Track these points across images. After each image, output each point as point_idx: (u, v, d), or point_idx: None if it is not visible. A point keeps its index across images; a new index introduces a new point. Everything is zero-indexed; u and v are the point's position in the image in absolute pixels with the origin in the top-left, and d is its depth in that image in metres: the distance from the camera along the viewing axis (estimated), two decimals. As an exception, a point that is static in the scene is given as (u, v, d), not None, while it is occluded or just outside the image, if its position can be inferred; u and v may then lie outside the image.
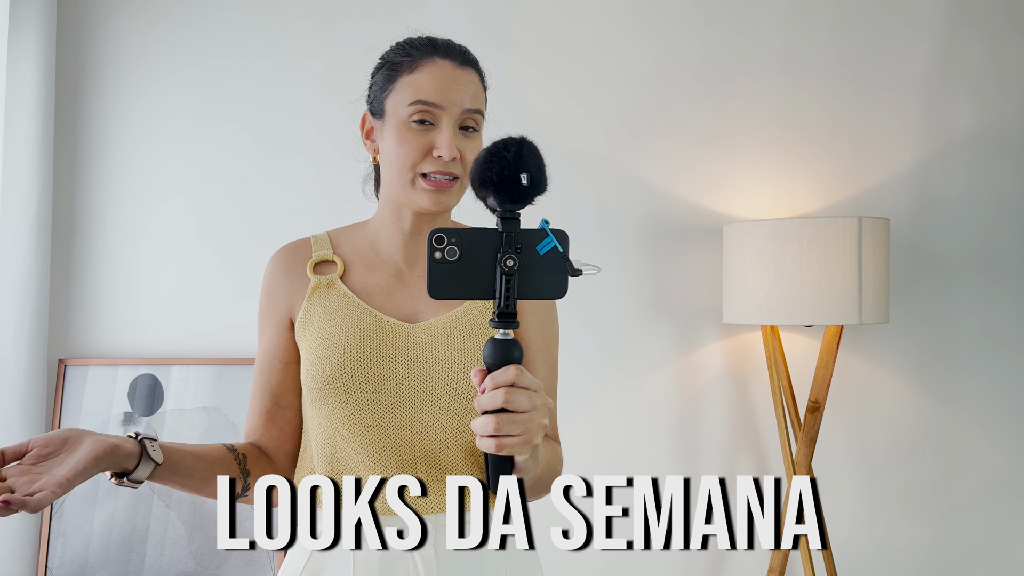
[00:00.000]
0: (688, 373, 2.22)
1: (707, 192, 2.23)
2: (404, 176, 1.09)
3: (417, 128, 1.09)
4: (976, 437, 2.20)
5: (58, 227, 2.23)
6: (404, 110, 1.09)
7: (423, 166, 1.08)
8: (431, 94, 1.08)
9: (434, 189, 1.08)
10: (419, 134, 1.08)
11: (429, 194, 1.09)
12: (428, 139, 1.08)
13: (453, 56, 1.12)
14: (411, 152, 1.08)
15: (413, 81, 1.10)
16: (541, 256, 0.87)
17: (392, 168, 1.10)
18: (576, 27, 2.25)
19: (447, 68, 1.10)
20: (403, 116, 1.09)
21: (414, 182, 1.09)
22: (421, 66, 1.10)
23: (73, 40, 2.23)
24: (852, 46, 2.23)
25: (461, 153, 1.09)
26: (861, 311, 1.88)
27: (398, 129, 1.09)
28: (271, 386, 1.17)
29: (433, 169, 1.08)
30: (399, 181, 1.10)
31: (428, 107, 1.08)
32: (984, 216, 2.21)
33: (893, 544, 2.20)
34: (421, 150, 1.08)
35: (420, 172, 1.08)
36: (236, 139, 2.23)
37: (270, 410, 1.17)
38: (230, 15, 2.24)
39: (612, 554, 2.21)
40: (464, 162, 1.09)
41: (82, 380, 2.17)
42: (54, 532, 2.10)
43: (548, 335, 1.20)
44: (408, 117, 1.09)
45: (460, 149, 1.09)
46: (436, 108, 1.08)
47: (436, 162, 1.08)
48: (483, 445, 0.87)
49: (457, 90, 1.09)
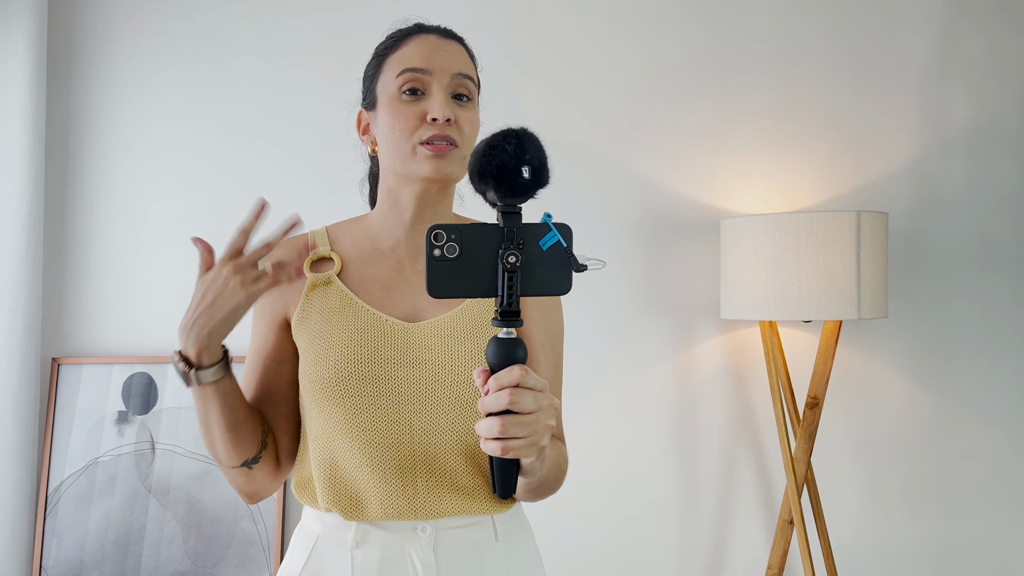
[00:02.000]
0: (686, 369, 2.21)
1: (705, 187, 2.21)
2: (403, 148, 1.07)
3: (408, 99, 1.07)
4: (975, 432, 2.19)
5: (50, 225, 2.21)
6: (393, 84, 1.08)
7: (420, 133, 1.06)
8: (417, 60, 1.07)
9: (433, 154, 1.05)
10: (411, 103, 1.07)
11: (429, 160, 1.06)
12: (421, 107, 1.06)
13: (437, 31, 1.11)
14: (406, 121, 1.06)
15: (399, 56, 1.09)
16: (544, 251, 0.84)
17: (390, 146, 1.08)
18: (573, 22, 2.23)
19: (431, 39, 1.10)
20: (393, 91, 1.08)
21: (414, 151, 1.06)
22: (406, 42, 1.10)
23: (64, 36, 2.21)
24: (849, 40, 2.22)
25: (456, 119, 1.06)
26: (860, 306, 1.87)
27: (390, 104, 1.08)
28: (264, 383, 1.15)
29: (431, 135, 1.05)
30: (398, 155, 1.07)
31: (416, 73, 1.06)
32: (983, 210, 2.20)
33: (892, 539, 2.19)
34: (415, 117, 1.06)
35: (419, 141, 1.06)
36: (231, 137, 2.22)
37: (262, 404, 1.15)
38: (225, 11, 2.22)
39: (614, 543, 2.20)
40: (460, 129, 1.07)
41: (76, 379, 2.15)
42: (48, 531, 2.09)
43: (552, 333, 1.18)
44: (398, 90, 1.07)
45: (455, 115, 1.06)
46: (424, 74, 1.06)
47: (432, 126, 1.05)
48: (488, 448, 0.85)
49: (443, 56, 1.08)
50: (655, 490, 2.20)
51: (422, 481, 1.06)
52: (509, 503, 1.12)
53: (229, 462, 1.10)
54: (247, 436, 1.09)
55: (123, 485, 2.11)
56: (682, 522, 2.20)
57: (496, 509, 1.10)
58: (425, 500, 1.06)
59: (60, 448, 2.12)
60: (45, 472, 2.11)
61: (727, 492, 2.20)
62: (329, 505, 1.08)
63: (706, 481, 2.20)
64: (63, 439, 2.13)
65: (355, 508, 1.07)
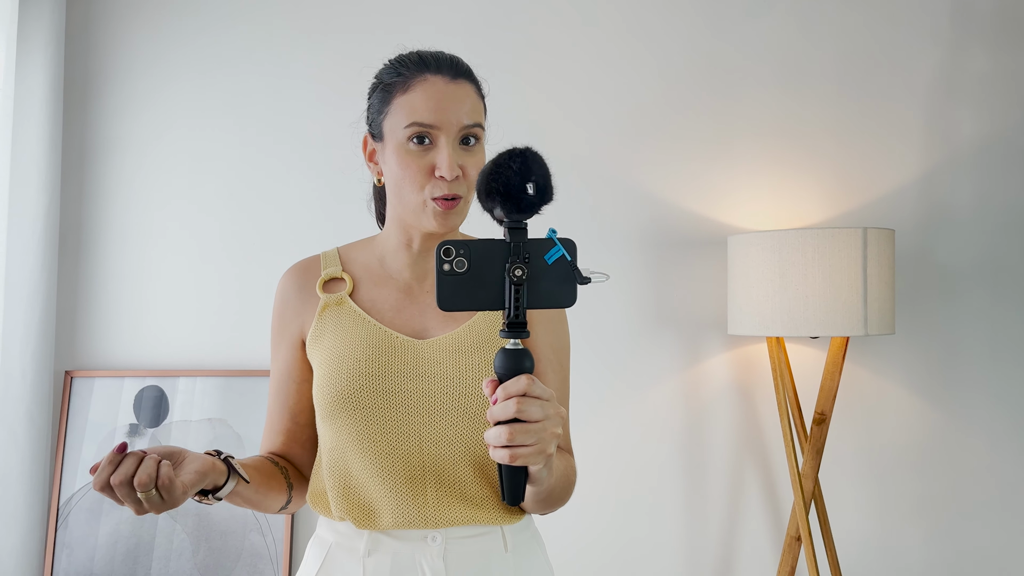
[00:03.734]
0: (693, 385, 2.21)
1: (711, 203, 2.23)
2: (412, 201, 1.09)
3: (416, 149, 1.08)
4: (983, 448, 2.19)
5: (65, 238, 2.24)
6: (401, 133, 1.08)
7: (429, 189, 1.07)
8: (425, 115, 1.07)
9: (441, 211, 1.08)
10: (418, 155, 1.07)
11: (437, 217, 1.08)
12: (428, 159, 1.07)
13: (444, 71, 1.10)
14: (414, 176, 1.07)
15: (406, 102, 1.08)
16: (549, 265, 0.87)
17: (400, 192, 1.10)
18: (579, 39, 2.26)
19: (439, 85, 1.08)
20: (401, 139, 1.08)
21: (424, 205, 1.08)
22: (413, 85, 1.09)
23: (81, 49, 2.25)
24: (856, 56, 2.23)
25: (463, 169, 1.08)
26: (867, 322, 1.88)
27: (398, 153, 1.09)
28: (288, 406, 1.19)
29: (440, 193, 1.07)
30: (406, 205, 1.10)
31: (424, 128, 1.07)
32: (990, 226, 2.20)
33: (900, 555, 2.18)
34: (423, 172, 1.07)
35: (429, 197, 1.07)
36: (245, 150, 2.25)
37: (290, 429, 1.20)
38: (238, 22, 2.26)
39: (621, 558, 2.20)
40: (467, 178, 1.09)
41: (88, 392, 2.18)
42: (59, 543, 2.10)
43: (558, 347, 1.20)
44: (406, 140, 1.08)
45: (462, 165, 1.08)
46: (432, 128, 1.07)
47: (440, 184, 1.07)
48: (496, 456, 0.87)
49: (451, 108, 1.08)
50: (662, 505, 2.21)
51: (431, 491, 1.09)
52: (519, 515, 1.14)
53: (268, 514, 1.16)
54: (275, 496, 1.14)
55: (133, 498, 2.13)
56: (689, 538, 2.20)
57: (505, 520, 1.12)
58: (435, 510, 1.08)
59: (72, 461, 2.14)
60: (57, 484, 2.13)
61: (734, 508, 2.20)
62: (342, 514, 1.11)
63: (713, 497, 2.20)
64: (75, 452, 2.15)
65: (367, 517, 1.10)
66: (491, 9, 2.25)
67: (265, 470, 1.13)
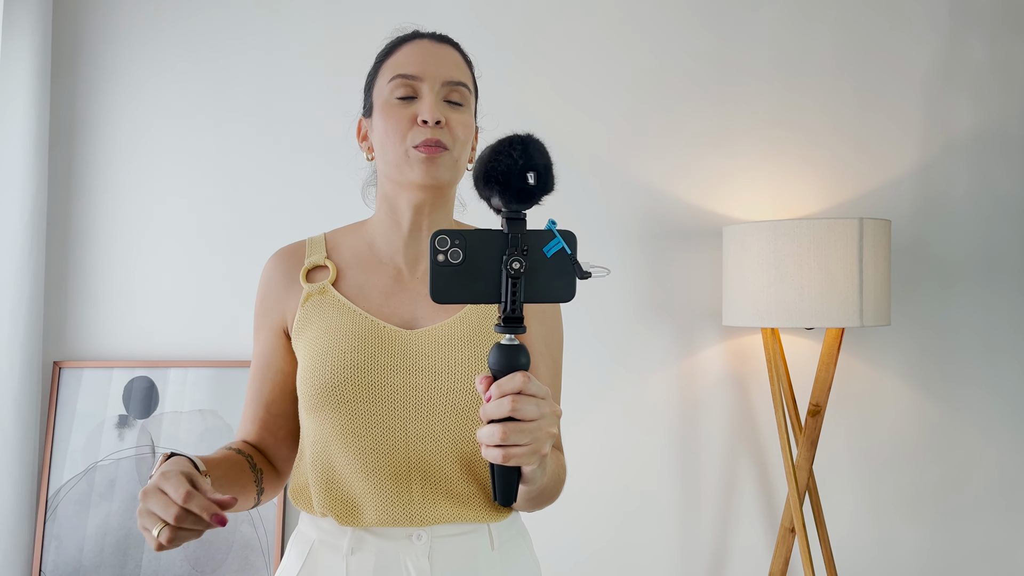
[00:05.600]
0: (688, 375, 2.20)
1: (707, 193, 2.21)
2: (396, 152, 1.06)
3: (400, 103, 1.07)
4: (978, 440, 2.19)
5: (53, 228, 2.21)
6: (386, 89, 1.08)
7: (411, 137, 1.06)
8: (408, 67, 1.08)
9: (425, 156, 1.05)
10: (402, 107, 1.07)
11: (420, 164, 1.05)
12: (411, 110, 1.07)
13: (432, 36, 1.12)
14: (396, 124, 1.06)
15: (392, 62, 1.10)
16: (548, 258, 0.83)
17: (384, 150, 1.08)
18: (577, 30, 2.23)
19: (424, 44, 1.10)
20: (386, 95, 1.08)
21: (407, 155, 1.06)
22: (400, 48, 1.11)
23: (69, 37, 2.21)
24: (853, 47, 2.22)
25: (448, 122, 1.06)
26: (862, 313, 1.87)
27: (383, 109, 1.08)
28: (263, 395, 1.16)
29: (422, 138, 1.05)
30: (392, 159, 1.07)
31: (406, 79, 1.07)
32: (986, 218, 2.20)
33: (894, 547, 2.18)
34: (407, 120, 1.06)
35: (411, 145, 1.06)
36: (234, 139, 2.22)
37: (264, 419, 1.16)
38: (229, 11, 2.22)
39: (614, 549, 2.19)
40: (452, 131, 1.07)
41: (77, 382, 2.15)
42: (48, 535, 2.08)
43: (552, 342, 1.17)
44: (391, 95, 1.08)
45: (446, 117, 1.06)
46: (414, 80, 1.07)
47: (422, 129, 1.05)
48: (489, 455, 0.84)
49: (434, 62, 1.08)
50: (656, 497, 2.20)
51: (417, 488, 1.06)
52: (505, 512, 1.11)
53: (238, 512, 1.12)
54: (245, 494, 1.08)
55: (123, 489, 2.11)
56: (683, 529, 2.19)
57: (492, 518, 1.10)
58: (420, 507, 1.06)
59: (60, 452, 2.12)
60: (45, 476, 2.11)
61: (729, 499, 2.20)
62: (325, 510, 1.08)
63: (708, 488, 2.20)
64: (63, 443, 2.12)
65: (350, 514, 1.07)
66: (489, 3, 2.23)
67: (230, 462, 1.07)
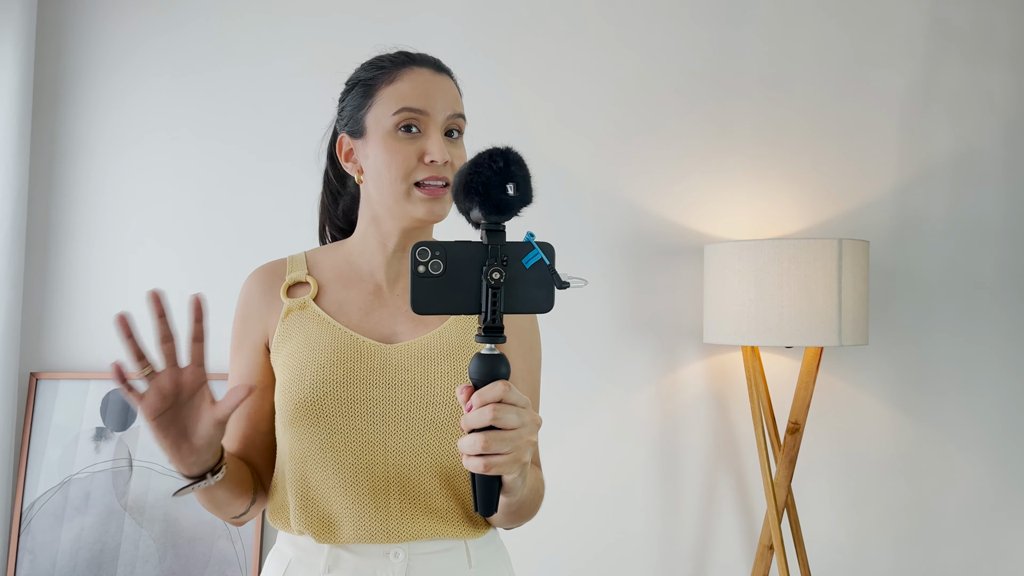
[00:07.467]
0: (669, 392, 2.21)
1: (689, 212, 2.23)
2: (398, 188, 1.06)
3: (405, 136, 1.07)
4: (955, 458, 2.20)
5: (32, 236, 2.19)
6: (389, 120, 1.07)
7: (416, 174, 1.06)
8: (415, 100, 1.07)
9: (429, 197, 1.06)
10: (407, 142, 1.06)
11: (425, 203, 1.06)
12: (418, 146, 1.06)
13: (429, 64, 1.11)
14: (403, 161, 1.06)
15: (394, 91, 1.08)
16: (527, 269, 0.85)
17: (383, 182, 1.07)
18: (561, 45, 2.25)
19: (426, 75, 1.09)
20: (388, 127, 1.07)
21: (409, 193, 1.06)
22: (400, 76, 1.09)
23: (52, 43, 2.21)
24: (834, 69, 2.25)
25: (451, 159, 1.07)
26: (841, 333, 1.88)
27: (384, 141, 1.07)
28: (248, 413, 1.14)
29: (427, 176, 1.06)
30: (391, 194, 1.07)
31: (414, 113, 1.06)
32: (963, 239, 2.23)
33: (873, 565, 2.19)
34: (413, 157, 1.06)
35: (414, 182, 1.06)
36: (218, 152, 2.22)
37: (249, 436, 1.14)
38: (213, 23, 2.23)
39: (593, 566, 2.19)
40: (453, 168, 1.08)
41: (53, 394, 2.13)
42: (22, 548, 2.05)
43: (530, 358, 1.18)
44: (394, 127, 1.07)
45: (450, 155, 1.07)
46: (422, 114, 1.07)
47: (429, 168, 1.06)
48: (470, 465, 0.84)
49: (439, 95, 1.08)
50: (635, 514, 2.20)
51: (395, 503, 1.05)
52: (484, 528, 1.11)
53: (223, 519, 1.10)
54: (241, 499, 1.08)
55: (98, 502, 2.09)
56: (662, 546, 2.19)
57: (470, 534, 1.09)
58: (398, 522, 1.05)
59: (35, 464, 2.09)
60: (20, 488, 2.08)
61: (708, 517, 2.20)
62: (301, 528, 1.07)
63: (687, 505, 2.20)
64: (39, 455, 2.10)
65: (327, 531, 1.06)
66: (475, 17, 2.25)
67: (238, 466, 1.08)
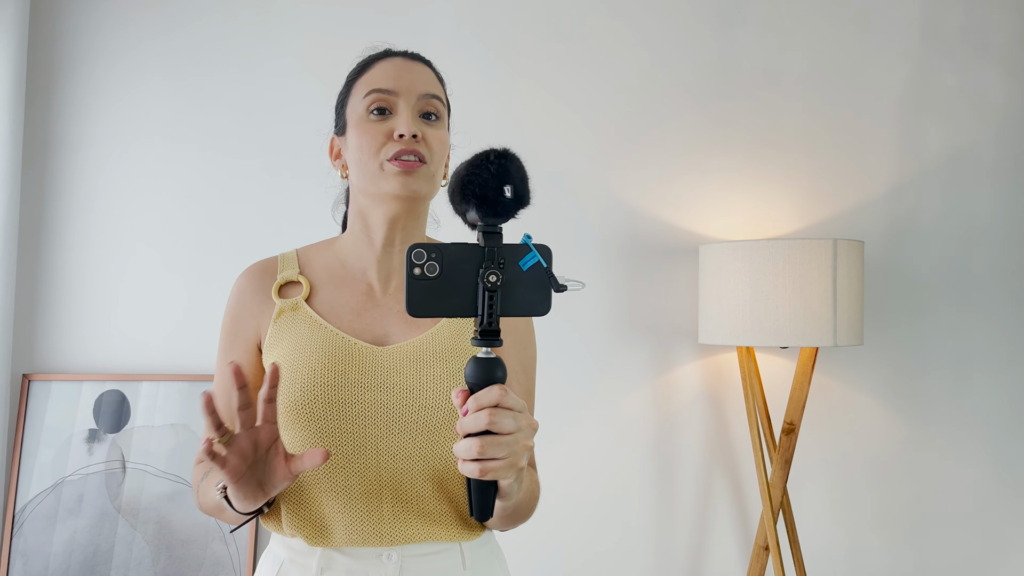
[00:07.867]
0: (664, 393, 2.21)
1: (684, 212, 2.23)
2: (371, 166, 1.07)
3: (376, 118, 1.08)
4: (949, 458, 2.21)
5: (24, 237, 2.18)
6: (361, 105, 1.09)
7: (386, 150, 1.06)
8: (382, 81, 1.09)
9: (401, 170, 1.05)
10: (378, 123, 1.08)
11: (397, 176, 1.06)
12: (387, 125, 1.07)
13: (404, 54, 1.13)
14: (373, 139, 1.07)
15: (366, 79, 1.11)
16: (524, 272, 0.84)
17: (359, 165, 1.08)
18: (557, 47, 2.25)
19: (397, 61, 1.11)
20: (361, 112, 1.09)
21: (382, 168, 1.06)
22: (373, 66, 1.12)
23: (45, 42, 2.20)
24: (828, 71, 2.25)
25: (424, 136, 1.07)
26: (836, 333, 1.89)
27: (358, 125, 1.09)
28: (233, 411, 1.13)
29: (397, 151, 1.05)
30: (367, 174, 1.07)
31: (382, 94, 1.08)
32: (957, 239, 2.23)
33: (868, 565, 2.20)
34: (382, 134, 1.07)
35: (386, 157, 1.06)
36: (210, 154, 2.21)
37: None
38: (208, 20, 2.22)
39: (589, 567, 2.19)
40: (428, 145, 1.07)
41: (46, 396, 2.12)
42: (14, 550, 2.04)
43: (525, 359, 1.17)
44: (366, 110, 1.08)
45: (422, 132, 1.07)
46: (390, 94, 1.08)
47: (398, 143, 1.06)
48: (466, 470, 0.83)
49: (409, 76, 1.09)
50: (631, 514, 2.20)
51: (388, 506, 1.04)
52: (478, 530, 1.10)
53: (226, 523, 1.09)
54: None
55: (91, 505, 2.08)
56: (658, 547, 2.19)
57: (464, 537, 1.08)
58: (391, 525, 1.04)
59: (28, 466, 2.08)
60: (12, 490, 2.07)
61: (703, 517, 2.20)
62: (293, 531, 1.06)
63: (682, 506, 2.20)
64: (31, 457, 2.09)
65: (320, 534, 1.05)
66: (469, 20, 2.24)
67: None
